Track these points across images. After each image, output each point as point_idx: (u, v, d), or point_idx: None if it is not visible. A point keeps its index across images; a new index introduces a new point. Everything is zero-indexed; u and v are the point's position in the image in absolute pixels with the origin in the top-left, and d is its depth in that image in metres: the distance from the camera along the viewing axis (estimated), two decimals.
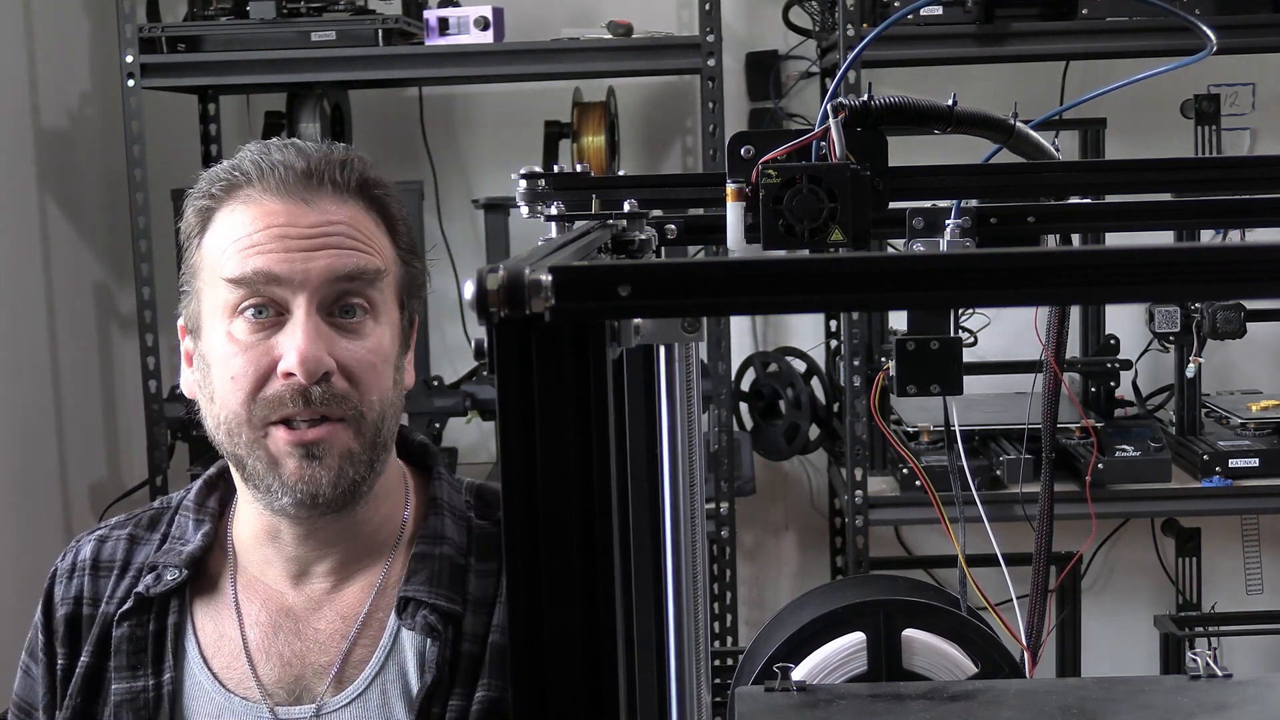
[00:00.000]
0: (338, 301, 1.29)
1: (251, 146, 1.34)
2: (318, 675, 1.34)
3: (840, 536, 3.46)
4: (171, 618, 1.36)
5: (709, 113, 2.96)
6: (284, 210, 1.29)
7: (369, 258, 1.30)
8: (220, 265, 1.29)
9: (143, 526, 1.42)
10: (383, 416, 1.31)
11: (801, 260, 0.70)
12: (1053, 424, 1.26)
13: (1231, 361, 3.44)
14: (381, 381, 1.31)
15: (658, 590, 0.96)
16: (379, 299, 1.31)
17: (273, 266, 1.27)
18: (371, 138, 3.43)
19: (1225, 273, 0.64)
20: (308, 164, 1.30)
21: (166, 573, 1.37)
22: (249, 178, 1.30)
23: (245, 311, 1.28)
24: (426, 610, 1.33)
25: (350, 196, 1.31)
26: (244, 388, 1.27)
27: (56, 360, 3.27)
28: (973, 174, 1.07)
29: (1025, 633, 1.21)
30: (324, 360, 1.26)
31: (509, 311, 0.66)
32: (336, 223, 1.29)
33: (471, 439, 3.43)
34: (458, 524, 1.40)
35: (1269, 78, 3.41)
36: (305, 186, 1.30)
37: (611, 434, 0.68)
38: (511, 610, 0.68)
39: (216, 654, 1.36)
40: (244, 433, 1.29)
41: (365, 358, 1.29)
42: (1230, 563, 3.46)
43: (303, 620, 1.36)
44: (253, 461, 1.29)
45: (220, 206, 1.31)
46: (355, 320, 1.30)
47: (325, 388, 1.27)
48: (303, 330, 1.26)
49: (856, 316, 2.97)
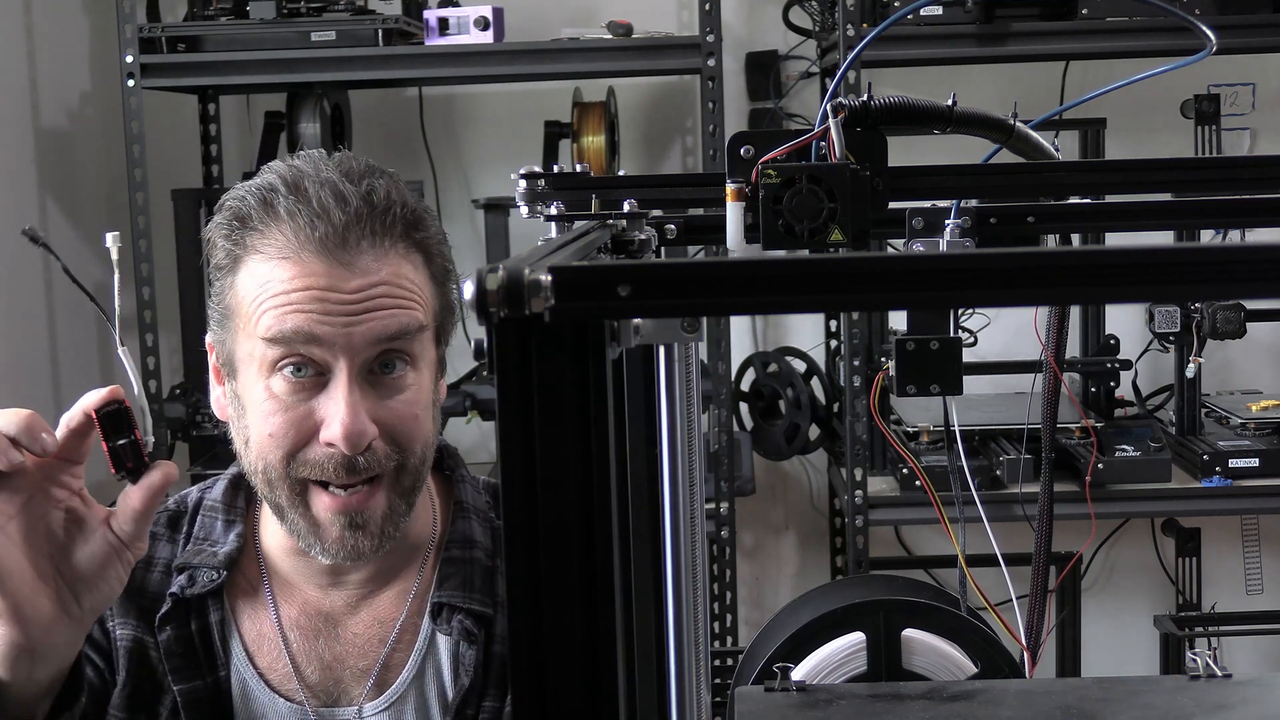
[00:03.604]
0: (379, 358, 1.26)
1: (284, 169, 1.27)
2: (356, 679, 1.34)
3: (840, 536, 3.46)
4: (214, 615, 1.34)
5: (709, 113, 2.96)
6: (324, 272, 1.22)
7: (412, 314, 1.26)
8: (256, 320, 1.24)
9: (162, 525, 1.39)
10: (423, 460, 1.30)
11: (801, 260, 0.70)
12: (1053, 424, 1.26)
13: (1231, 361, 3.44)
14: (422, 430, 1.29)
15: (658, 590, 0.95)
16: (419, 349, 1.28)
17: (313, 328, 1.22)
18: (371, 138, 3.43)
19: (1225, 273, 0.64)
20: (346, 216, 1.23)
21: (201, 574, 1.35)
22: (283, 224, 1.24)
23: (284, 369, 1.24)
24: (461, 615, 1.33)
25: (393, 243, 1.26)
26: (283, 447, 1.25)
27: (56, 360, 3.27)
28: (973, 174, 1.07)
29: (1025, 633, 1.21)
30: (367, 432, 1.24)
31: (509, 311, 0.65)
32: (378, 284, 1.24)
33: (471, 439, 3.43)
34: (483, 525, 1.40)
35: (1269, 78, 3.41)
36: (343, 245, 1.23)
37: (611, 434, 0.68)
38: (511, 610, 0.68)
39: (258, 653, 1.35)
40: (283, 487, 1.27)
41: (407, 412, 1.27)
42: (1230, 563, 3.46)
43: (340, 624, 1.35)
44: (294, 516, 1.28)
45: (253, 252, 1.25)
46: (395, 376, 1.27)
47: (368, 455, 1.25)
48: (345, 402, 1.23)
49: (856, 316, 2.97)
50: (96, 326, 3.46)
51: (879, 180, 1.01)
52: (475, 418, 3.12)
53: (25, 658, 1.16)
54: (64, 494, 1.17)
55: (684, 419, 0.96)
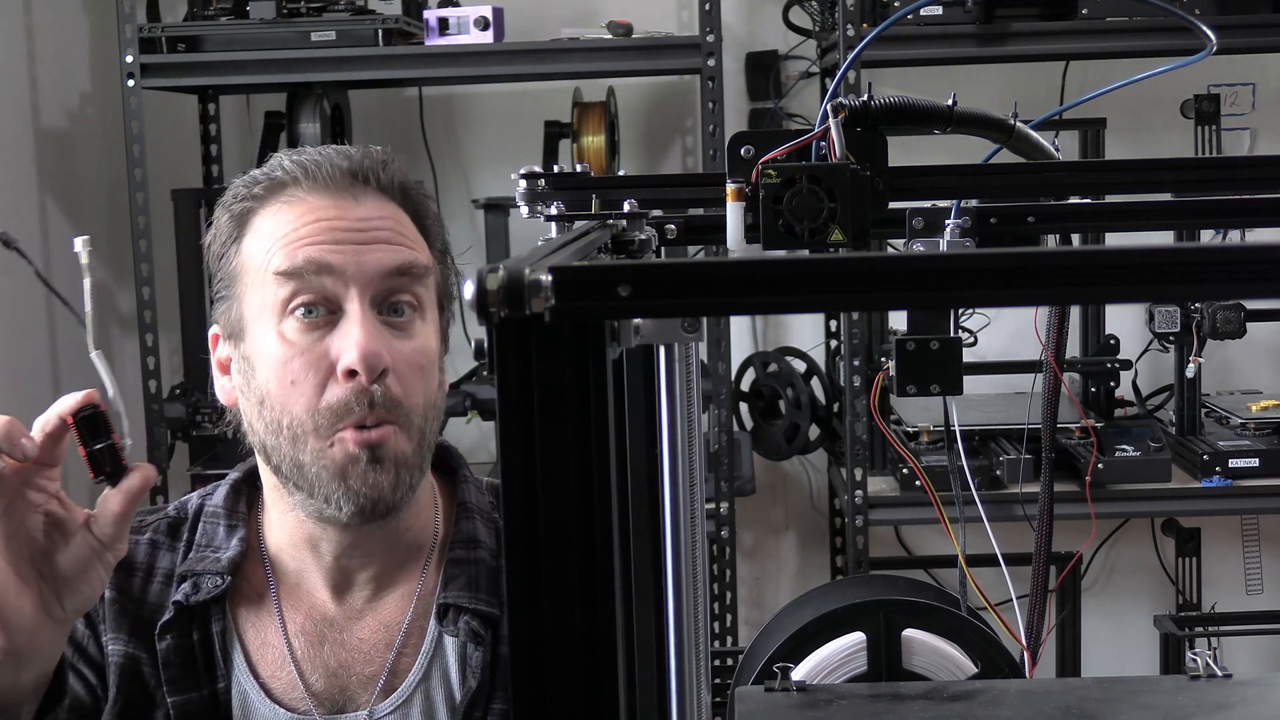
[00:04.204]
0: (388, 299, 1.28)
1: (285, 153, 1.33)
2: (363, 685, 1.34)
3: (840, 536, 3.46)
4: (216, 625, 1.33)
5: (709, 113, 2.96)
6: (332, 205, 1.28)
7: (416, 254, 1.30)
8: (268, 261, 1.27)
9: (162, 533, 1.38)
10: (427, 419, 1.30)
11: (801, 260, 0.70)
12: (1053, 424, 1.26)
13: (1231, 361, 3.44)
14: (428, 384, 1.30)
15: (658, 590, 0.95)
16: (425, 297, 1.31)
17: (326, 256, 1.26)
18: (371, 138, 3.40)
19: (1225, 273, 0.64)
20: (350, 163, 1.31)
21: (205, 580, 1.34)
22: (293, 177, 1.30)
23: (295, 311, 1.26)
24: (468, 616, 1.33)
25: (392, 196, 1.32)
26: (306, 393, 1.25)
27: (56, 360, 3.27)
28: (973, 174, 1.07)
29: (1025, 633, 1.21)
30: (383, 355, 1.25)
31: (509, 311, 0.65)
32: (384, 218, 1.30)
33: (471, 439, 3.43)
34: (487, 526, 1.39)
35: (1269, 78, 3.42)
36: (351, 184, 1.30)
37: (611, 434, 0.68)
38: (511, 610, 0.68)
39: (261, 662, 1.34)
40: (310, 441, 1.26)
41: (414, 359, 1.28)
42: (1230, 563, 3.46)
43: (346, 630, 1.35)
44: (317, 470, 1.27)
45: (262, 207, 1.30)
46: (404, 319, 1.29)
47: (383, 389, 1.25)
48: (360, 326, 1.25)
49: (856, 316, 2.97)
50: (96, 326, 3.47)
51: (879, 180, 1.01)
52: (475, 418, 3.12)
53: (11, 662, 1.15)
54: (42, 497, 1.17)
55: (684, 419, 0.96)
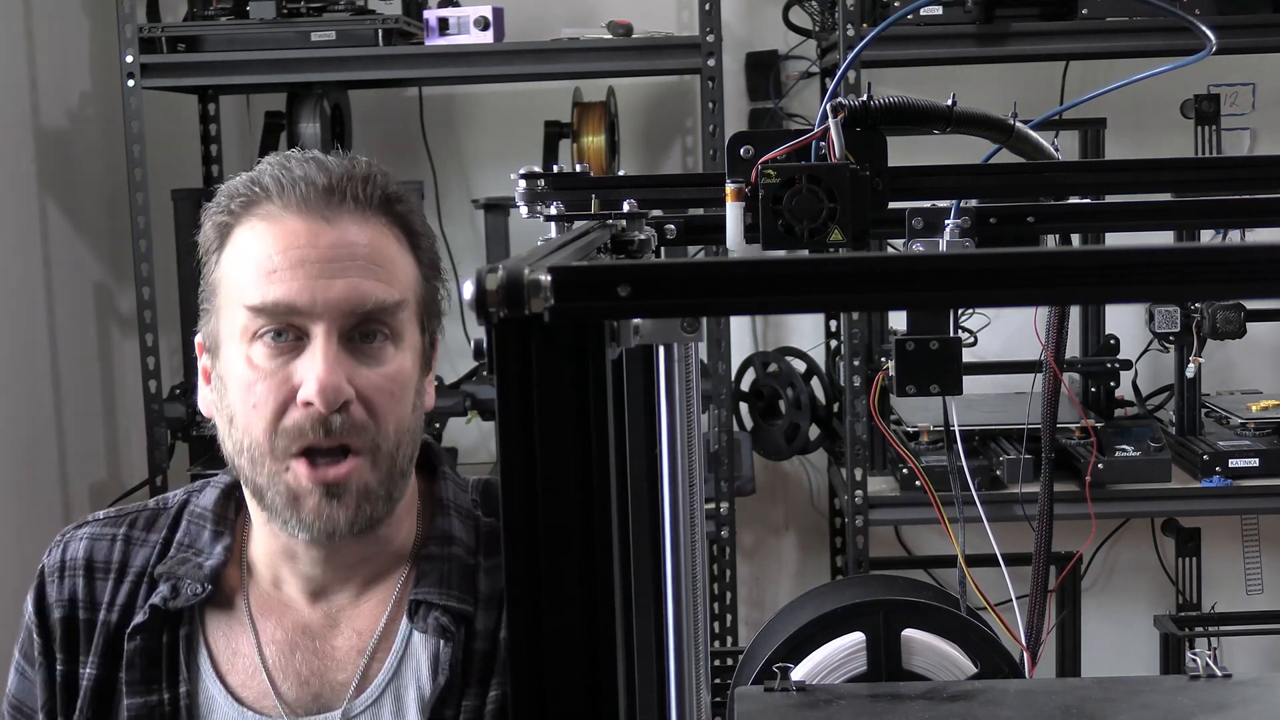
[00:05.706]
0: (358, 327, 1.27)
1: (272, 159, 1.32)
2: (335, 692, 1.33)
3: (840, 536, 3.46)
4: (183, 629, 1.34)
5: (709, 113, 2.96)
6: (305, 230, 1.26)
7: (388, 289, 1.28)
8: (240, 291, 1.27)
9: (138, 528, 1.38)
10: (398, 445, 1.29)
11: (801, 260, 0.70)
12: (1052, 424, 1.26)
13: (1231, 361, 3.44)
14: (400, 410, 1.29)
15: (658, 590, 0.96)
16: (400, 325, 1.29)
17: (293, 298, 1.25)
18: (371, 138, 3.43)
19: (1225, 273, 0.64)
20: (329, 179, 1.28)
21: (185, 586, 1.34)
22: (269, 193, 1.28)
23: (264, 335, 1.26)
24: (438, 612, 1.32)
25: (372, 214, 1.29)
26: (265, 416, 1.25)
27: (56, 360, 3.27)
28: (972, 174, 1.07)
29: (1025, 633, 1.21)
30: (343, 389, 1.24)
31: (508, 311, 0.65)
32: (357, 245, 1.27)
33: (471, 439, 3.43)
34: (465, 523, 1.38)
35: (1269, 78, 3.41)
36: (326, 204, 1.27)
37: (611, 434, 0.68)
38: (511, 610, 0.68)
39: (231, 670, 1.34)
40: (267, 463, 1.26)
41: (384, 386, 1.27)
42: (1230, 563, 3.46)
43: (320, 638, 1.34)
44: (272, 495, 1.27)
45: (239, 223, 1.29)
46: (375, 345, 1.28)
47: (345, 417, 1.25)
48: (322, 357, 1.24)
49: (856, 316, 2.97)
50: (97, 326, 3.47)
51: (879, 180, 1.01)
52: (475, 418, 3.12)
53: None
54: None
55: (684, 419, 0.96)
